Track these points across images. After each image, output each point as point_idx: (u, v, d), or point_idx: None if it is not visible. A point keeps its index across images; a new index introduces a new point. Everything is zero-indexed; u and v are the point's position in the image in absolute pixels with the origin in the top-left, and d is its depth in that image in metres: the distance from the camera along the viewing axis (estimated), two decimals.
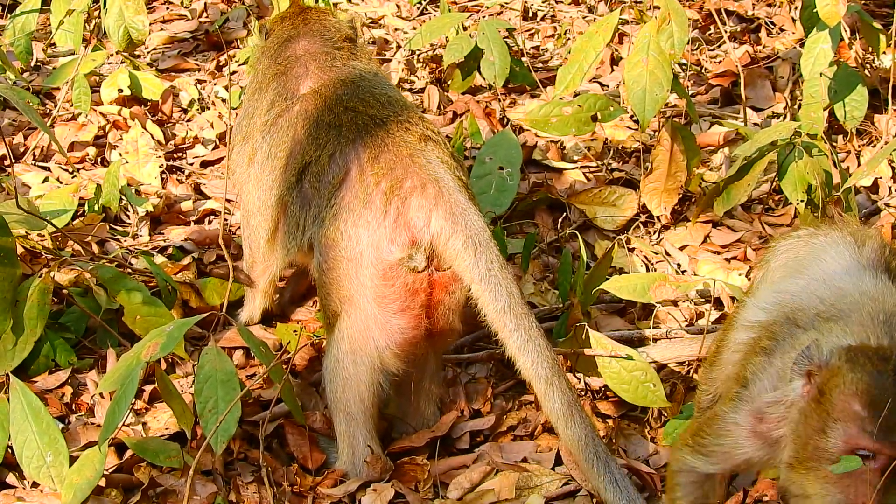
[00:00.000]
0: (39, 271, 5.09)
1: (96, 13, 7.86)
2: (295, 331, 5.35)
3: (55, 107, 7.30)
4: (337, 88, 5.06)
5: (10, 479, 4.57)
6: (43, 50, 8.20)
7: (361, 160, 4.69)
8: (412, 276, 4.57)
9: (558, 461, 4.82)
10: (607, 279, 5.19)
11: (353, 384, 4.69)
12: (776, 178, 5.77)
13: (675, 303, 5.71)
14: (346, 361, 4.69)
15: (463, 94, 7.56)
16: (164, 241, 6.20)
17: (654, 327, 5.51)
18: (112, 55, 7.99)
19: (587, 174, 6.75)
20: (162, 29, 8.81)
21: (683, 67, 7.80)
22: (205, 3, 9.12)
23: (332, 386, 4.77)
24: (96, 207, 6.27)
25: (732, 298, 5.65)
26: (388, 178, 4.61)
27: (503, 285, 4.50)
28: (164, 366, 5.18)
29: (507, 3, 9.00)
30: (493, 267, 4.50)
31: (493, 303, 4.51)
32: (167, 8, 9.18)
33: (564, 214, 6.28)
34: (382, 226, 4.56)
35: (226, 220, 5.64)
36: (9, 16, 7.87)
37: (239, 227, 5.73)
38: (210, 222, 6.46)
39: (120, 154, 6.90)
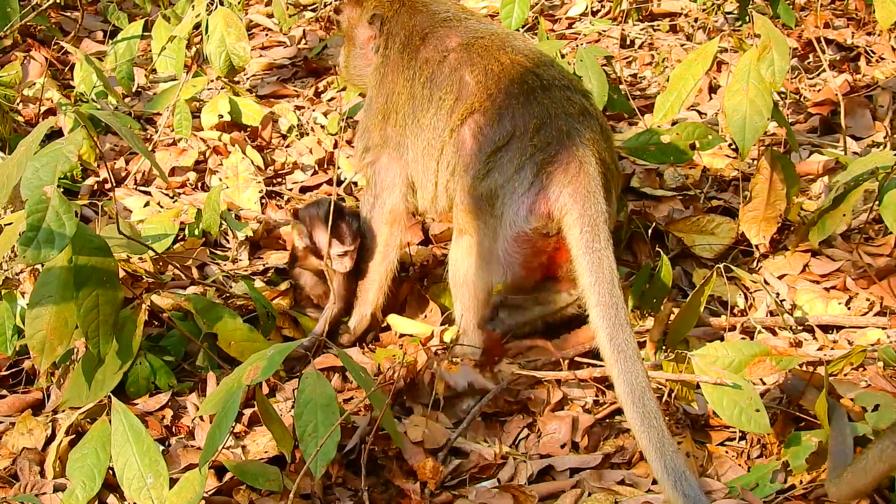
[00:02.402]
0: (140, 294, 5.15)
1: (197, 39, 7.96)
2: (394, 356, 5.37)
3: (156, 132, 7.40)
4: (487, 41, 5.26)
5: (111, 500, 4.61)
6: (144, 75, 8.32)
7: (528, 128, 4.95)
8: (542, 241, 4.92)
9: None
10: (707, 307, 5.13)
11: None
12: (876, 207, 5.70)
13: (773, 331, 5.66)
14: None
15: None
16: (264, 265, 6.25)
17: None
18: (212, 81, 8.08)
19: (685, 202, 6.72)
20: (261, 55, 8.91)
21: (782, 95, 7.75)
22: (303, 30, 9.22)
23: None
24: (196, 232, 6.34)
25: (826, 332, 5.60)
26: (544, 152, 4.90)
27: (595, 262, 4.65)
28: (265, 390, 5.22)
29: (605, 31, 8.99)
30: (594, 247, 4.68)
31: (586, 276, 4.65)
32: (266, 35, 9.29)
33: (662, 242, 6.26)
34: (527, 194, 4.88)
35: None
36: (110, 41, 7.98)
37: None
38: None
39: (220, 179, 6.98)
